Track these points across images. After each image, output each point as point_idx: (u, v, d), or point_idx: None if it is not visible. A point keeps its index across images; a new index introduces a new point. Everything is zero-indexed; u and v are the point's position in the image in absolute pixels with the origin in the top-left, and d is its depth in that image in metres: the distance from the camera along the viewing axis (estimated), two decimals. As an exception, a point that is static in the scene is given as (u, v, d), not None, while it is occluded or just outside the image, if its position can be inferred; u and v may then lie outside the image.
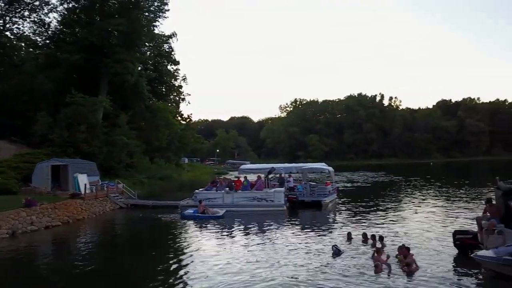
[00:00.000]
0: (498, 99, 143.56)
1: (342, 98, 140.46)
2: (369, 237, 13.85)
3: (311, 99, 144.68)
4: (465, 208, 21.81)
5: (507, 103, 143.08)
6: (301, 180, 28.05)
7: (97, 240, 17.58)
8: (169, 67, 53.64)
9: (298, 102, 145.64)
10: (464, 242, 11.91)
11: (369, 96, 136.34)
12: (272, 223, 18.67)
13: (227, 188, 23.84)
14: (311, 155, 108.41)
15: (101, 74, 38.42)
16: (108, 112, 36.68)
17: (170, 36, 50.96)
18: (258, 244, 14.36)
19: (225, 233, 16.91)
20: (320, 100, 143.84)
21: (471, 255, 10.57)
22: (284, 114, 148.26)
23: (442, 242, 13.57)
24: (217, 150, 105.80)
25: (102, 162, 32.32)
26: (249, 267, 11.28)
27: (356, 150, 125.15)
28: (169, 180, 40.80)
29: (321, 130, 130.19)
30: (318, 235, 15.61)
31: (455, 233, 12.42)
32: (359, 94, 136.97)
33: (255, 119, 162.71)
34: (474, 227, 12.81)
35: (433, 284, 9.45)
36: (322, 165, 29.64)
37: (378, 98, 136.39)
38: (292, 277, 10.23)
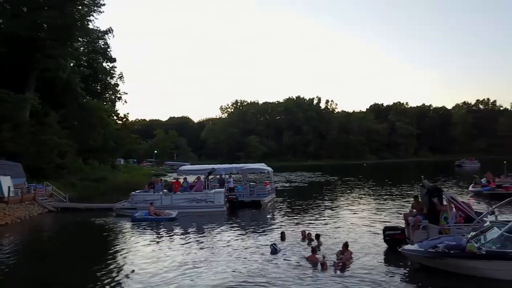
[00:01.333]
0: (424, 104, 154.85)
1: (281, 100, 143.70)
2: (307, 235, 14.18)
3: (252, 101, 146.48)
4: (394, 206, 23.11)
5: (432, 108, 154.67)
6: (241, 180, 28.22)
7: (20, 248, 15.77)
8: (104, 64, 51.37)
9: (239, 103, 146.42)
10: (393, 238, 12.57)
11: (307, 99, 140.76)
12: (211, 224, 18.53)
13: (165, 190, 23.30)
14: (251, 156, 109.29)
15: (28, 69, 35.87)
16: (36, 110, 34.33)
17: (106, 32, 48.86)
18: (196, 245, 14.16)
19: (162, 235, 16.51)
20: (261, 101, 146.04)
21: (399, 249, 11.19)
22: (225, 115, 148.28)
23: (373, 238, 14.25)
24: (155, 151, 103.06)
25: (30, 163, 30.20)
26: (186, 269, 11.07)
27: (294, 151, 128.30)
28: (103, 182, 39.03)
29: (261, 131, 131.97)
30: (257, 234, 15.77)
31: (385, 229, 13.09)
32: (298, 97, 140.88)
33: (196, 119, 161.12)
34: (403, 223, 13.58)
35: (364, 277, 9.87)
36: (261, 166, 29.97)
37: (315, 101, 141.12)
38: (231, 277, 10.19)
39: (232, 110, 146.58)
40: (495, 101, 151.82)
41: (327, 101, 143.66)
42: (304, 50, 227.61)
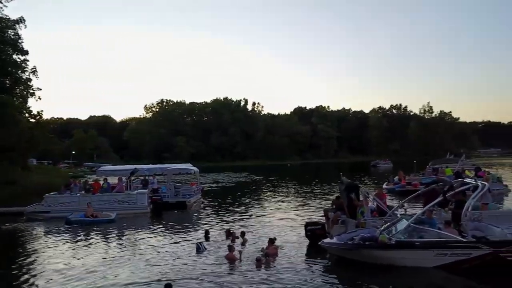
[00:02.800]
0: (344, 108, 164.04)
1: (208, 101, 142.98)
2: (232, 233, 14.23)
3: (178, 101, 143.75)
4: (316, 202, 24.10)
5: (351, 112, 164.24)
6: (166, 181, 27.56)
7: None
8: (15, 56, 47.05)
9: (164, 103, 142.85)
10: (314, 233, 13.08)
11: (234, 100, 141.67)
12: (134, 225, 17.86)
13: (83, 191, 22.00)
14: (178, 157, 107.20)
15: None
16: None
17: (17, 22, 44.75)
18: (118, 248, 13.54)
19: (79, 238, 15.50)
20: (187, 102, 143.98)
21: (319, 243, 11.68)
22: (149, 115, 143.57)
23: (296, 233, 14.71)
24: (73, 152, 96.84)
25: None
26: (108, 272, 10.56)
27: (222, 152, 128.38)
28: (13, 184, 35.77)
29: (188, 132, 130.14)
30: (182, 234, 15.51)
31: (307, 225, 13.59)
32: (225, 98, 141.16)
33: (118, 118, 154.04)
34: (324, 219, 14.18)
35: (287, 271, 10.15)
36: (187, 166, 29.53)
37: (242, 103, 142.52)
38: (156, 278, 9.92)
39: (158, 109, 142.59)
40: (406, 106, 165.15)
41: (253, 103, 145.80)
42: (230, 51, 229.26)
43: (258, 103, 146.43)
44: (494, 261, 9.53)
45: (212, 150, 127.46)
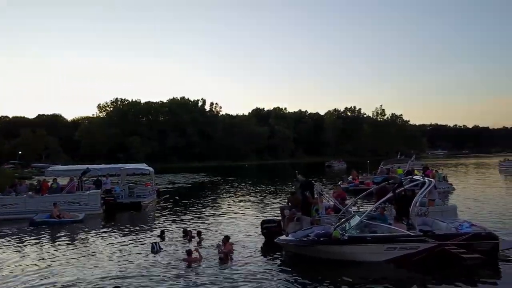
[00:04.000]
0: (300, 110, 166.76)
1: (165, 101, 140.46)
2: (189, 232, 14.05)
3: (133, 100, 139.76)
4: (272, 201, 24.35)
5: (307, 114, 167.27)
6: (119, 182, 26.77)
7: None
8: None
9: (119, 102, 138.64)
10: (270, 230, 13.19)
11: (192, 100, 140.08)
12: (86, 227, 17.19)
13: (30, 192, 20.90)
14: (133, 157, 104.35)
15: None
16: None
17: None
18: (69, 251, 12.90)
19: (30, 241, 14.66)
20: (143, 101, 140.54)
21: (275, 240, 11.77)
22: (103, 114, 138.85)
23: (252, 231, 14.76)
24: (20, 152, 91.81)
25: None
26: (55, 274, 10.08)
27: (179, 152, 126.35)
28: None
29: (144, 132, 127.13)
30: (137, 235, 15.10)
31: (263, 223, 13.68)
32: (182, 98, 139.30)
33: (69, 117, 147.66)
34: (280, 217, 14.32)
35: (243, 268, 10.16)
36: (142, 166, 28.85)
37: (200, 103, 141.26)
38: (107, 279, 9.60)
39: (112, 109, 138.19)
40: (360, 109, 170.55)
41: (211, 104, 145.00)
42: (189, 51, 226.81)
43: (216, 103, 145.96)
44: (440, 253, 10.01)
45: (168, 151, 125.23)
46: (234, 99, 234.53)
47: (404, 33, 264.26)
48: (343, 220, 11.67)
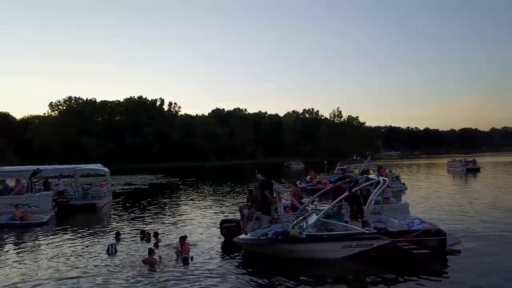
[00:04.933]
0: (260, 111, 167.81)
1: (122, 100, 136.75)
2: (146, 233, 13.78)
3: (88, 99, 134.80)
4: (232, 201, 24.34)
5: (267, 115, 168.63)
6: (72, 183, 25.78)
7: None
8: None
9: (73, 101, 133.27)
10: (229, 230, 13.15)
11: (150, 100, 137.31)
12: (36, 231, 16.37)
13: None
14: (88, 158, 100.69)
15: None
16: None
17: None
18: (18, 258, 12.22)
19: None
20: (98, 100, 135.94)
21: (234, 240, 11.76)
22: (56, 113, 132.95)
23: (212, 231, 14.69)
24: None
25: None
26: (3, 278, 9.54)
27: (136, 153, 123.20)
28: None
29: (99, 131, 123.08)
30: (92, 238, 14.61)
31: (222, 222, 13.64)
32: (140, 97, 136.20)
33: (18, 116, 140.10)
34: (239, 216, 14.31)
35: (202, 269, 10.07)
36: (97, 166, 27.89)
37: (158, 103, 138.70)
38: (60, 282, 9.25)
39: (65, 107, 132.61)
40: (318, 111, 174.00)
41: (170, 103, 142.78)
42: (147, 50, 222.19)
43: (175, 103, 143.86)
44: (393, 249, 10.39)
45: (125, 151, 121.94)
46: (194, 99, 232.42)
47: (361, 38, 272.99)
48: (300, 218, 11.85)
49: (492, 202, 20.52)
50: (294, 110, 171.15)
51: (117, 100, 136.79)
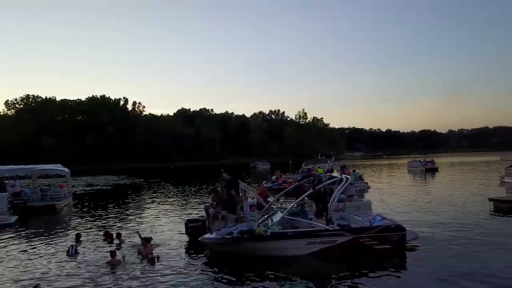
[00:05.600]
0: (227, 112, 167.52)
1: (83, 99, 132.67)
2: (109, 234, 13.46)
3: (47, 97, 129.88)
4: (198, 201, 24.20)
5: (234, 115, 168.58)
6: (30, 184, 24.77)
7: None
8: None
9: (31, 99, 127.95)
10: (195, 230, 13.04)
11: (113, 99, 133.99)
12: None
13: None
14: (49, 158, 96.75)
15: None
16: None
17: None
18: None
19: None
20: (58, 98, 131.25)
21: (199, 239, 11.67)
22: (12, 112, 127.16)
23: (177, 232, 14.53)
24: None
25: None
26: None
27: (98, 153, 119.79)
28: None
29: (60, 131, 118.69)
30: (51, 239, 14.10)
31: (187, 222, 13.51)
32: (102, 97, 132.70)
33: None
34: (205, 216, 14.21)
35: (167, 269, 9.93)
36: (56, 167, 26.89)
37: (122, 102, 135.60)
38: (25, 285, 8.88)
39: (22, 106, 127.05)
40: (284, 112, 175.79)
41: (134, 103, 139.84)
42: (111, 47, 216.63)
43: (139, 103, 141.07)
44: (356, 245, 10.64)
45: (87, 152, 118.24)
46: (159, 99, 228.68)
47: (327, 40, 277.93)
48: (266, 216, 11.92)
49: (448, 200, 21.40)
50: (260, 111, 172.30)
51: (78, 99, 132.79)
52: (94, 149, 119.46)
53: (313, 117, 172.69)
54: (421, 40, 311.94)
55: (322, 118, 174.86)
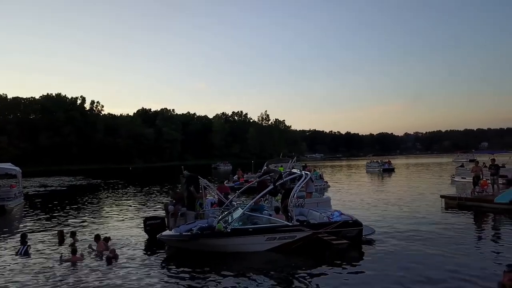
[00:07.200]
0: (189, 112, 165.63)
1: (37, 97, 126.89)
2: (62, 234, 12.93)
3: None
4: (157, 200, 23.84)
5: (196, 116, 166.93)
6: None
7: None
8: None
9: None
10: (153, 227, 12.78)
11: (69, 98, 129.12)
12: None
13: None
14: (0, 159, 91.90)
15: None
16: None
17: None
18: None
19: None
20: (10, 96, 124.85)
21: (157, 236, 11.44)
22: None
23: (135, 230, 14.23)
24: None
25: None
26: None
27: (54, 154, 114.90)
28: None
29: (11, 131, 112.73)
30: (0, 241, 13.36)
31: (146, 220, 13.21)
32: (58, 95, 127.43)
33: None
34: (164, 213, 13.96)
35: (124, 267, 9.68)
36: (6, 166, 25.49)
37: (79, 101, 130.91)
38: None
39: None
40: (246, 113, 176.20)
41: (92, 102, 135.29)
42: (66, 47, 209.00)
43: (97, 102, 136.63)
44: (315, 240, 10.79)
45: (41, 152, 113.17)
46: (118, 98, 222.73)
47: (289, 44, 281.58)
48: (226, 213, 11.86)
49: (404, 198, 22.20)
50: (223, 112, 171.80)
51: (32, 97, 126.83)
52: (49, 150, 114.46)
53: (276, 119, 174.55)
54: (379, 45, 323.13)
55: (284, 120, 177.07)
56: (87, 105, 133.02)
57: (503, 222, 14.52)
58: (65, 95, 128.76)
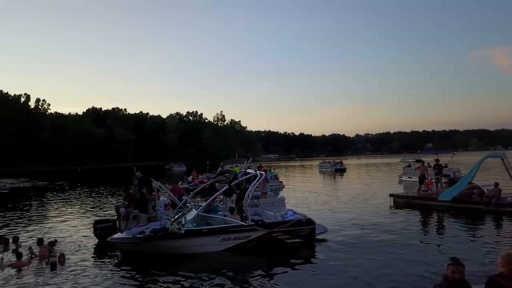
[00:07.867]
0: (142, 112, 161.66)
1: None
2: (4, 240, 12.17)
3: None
4: (108, 202, 23.08)
5: (149, 116, 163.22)
6: None
7: None
8: None
9: None
10: (104, 230, 12.35)
11: (12, 95, 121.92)
12: None
13: None
14: None
15: None
16: None
17: None
18: None
19: None
20: None
21: (108, 239, 11.06)
22: None
23: (85, 233, 13.69)
24: None
25: None
26: None
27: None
28: None
29: None
30: None
31: (96, 223, 12.75)
32: (0, 92, 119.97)
33: None
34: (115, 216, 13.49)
35: (73, 273, 9.28)
36: None
37: (23, 99, 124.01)
38: None
39: None
40: (201, 114, 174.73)
41: (37, 100, 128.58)
42: (10, 38, 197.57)
43: (43, 100, 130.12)
44: (269, 240, 10.87)
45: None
46: (66, 97, 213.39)
47: (244, 46, 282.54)
48: (180, 214, 11.68)
49: (355, 196, 22.93)
50: (177, 112, 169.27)
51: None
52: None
53: (231, 119, 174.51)
54: (329, 50, 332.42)
55: (239, 121, 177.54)
56: (32, 104, 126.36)
57: (446, 219, 15.35)
58: (7, 92, 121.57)
